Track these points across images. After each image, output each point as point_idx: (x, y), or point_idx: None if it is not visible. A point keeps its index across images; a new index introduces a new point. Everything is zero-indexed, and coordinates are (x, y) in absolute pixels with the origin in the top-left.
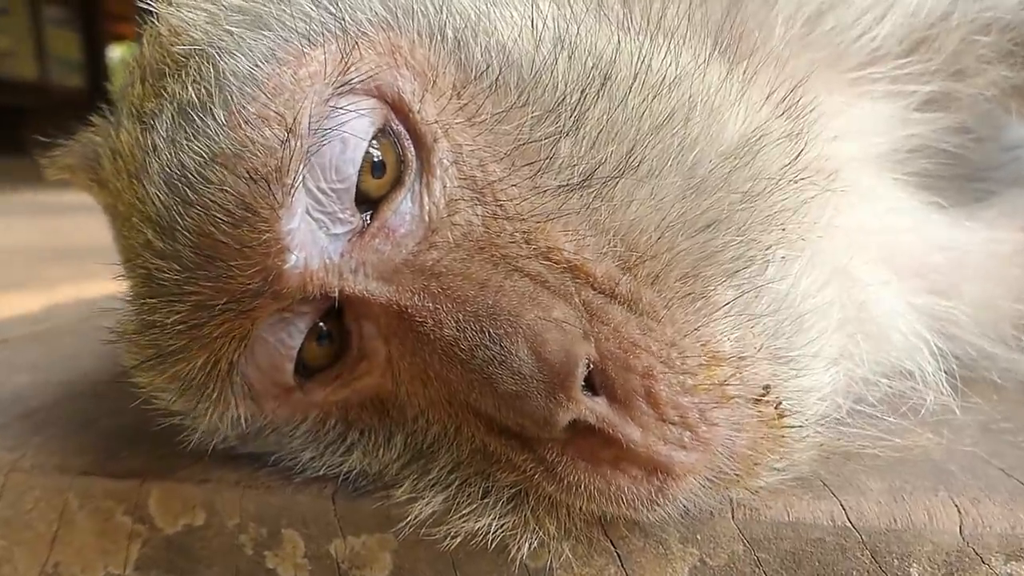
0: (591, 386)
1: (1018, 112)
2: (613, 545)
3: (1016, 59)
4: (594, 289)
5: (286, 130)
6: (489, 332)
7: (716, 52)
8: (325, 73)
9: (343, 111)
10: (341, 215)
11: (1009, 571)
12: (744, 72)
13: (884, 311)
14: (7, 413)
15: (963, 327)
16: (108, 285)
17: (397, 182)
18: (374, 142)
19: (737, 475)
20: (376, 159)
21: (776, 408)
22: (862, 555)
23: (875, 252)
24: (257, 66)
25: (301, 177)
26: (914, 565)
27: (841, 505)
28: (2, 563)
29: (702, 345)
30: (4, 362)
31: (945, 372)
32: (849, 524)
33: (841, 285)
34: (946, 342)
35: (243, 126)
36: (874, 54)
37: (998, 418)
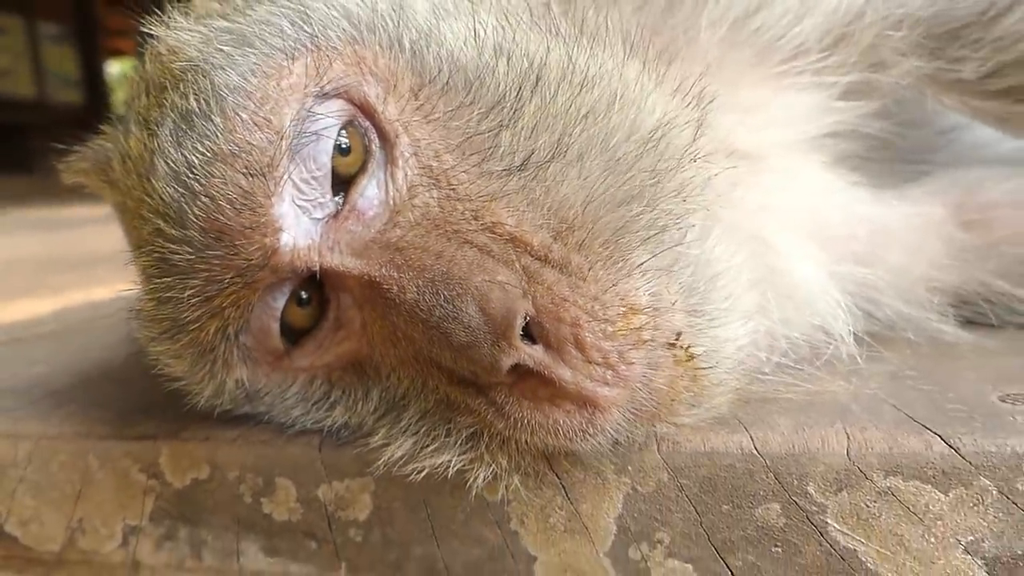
0: (529, 336)
1: (933, 98)
2: (558, 477)
3: (925, 50)
4: (531, 256)
5: (274, 132)
6: (443, 294)
7: (632, 52)
8: (303, 84)
9: (319, 115)
10: (321, 200)
11: (888, 484)
12: (658, 69)
13: (800, 275)
14: (31, 394)
15: (883, 291)
16: (116, 288)
17: (364, 165)
18: (343, 131)
19: (656, 409)
20: (344, 145)
21: (686, 351)
22: (767, 477)
23: (798, 225)
24: (246, 79)
25: (287, 170)
26: (810, 483)
27: (750, 436)
28: (32, 522)
29: (620, 299)
30: (21, 356)
31: (855, 330)
32: (756, 452)
33: (755, 251)
34: (868, 305)
35: (238, 130)
36: (797, 50)
37: (905, 368)
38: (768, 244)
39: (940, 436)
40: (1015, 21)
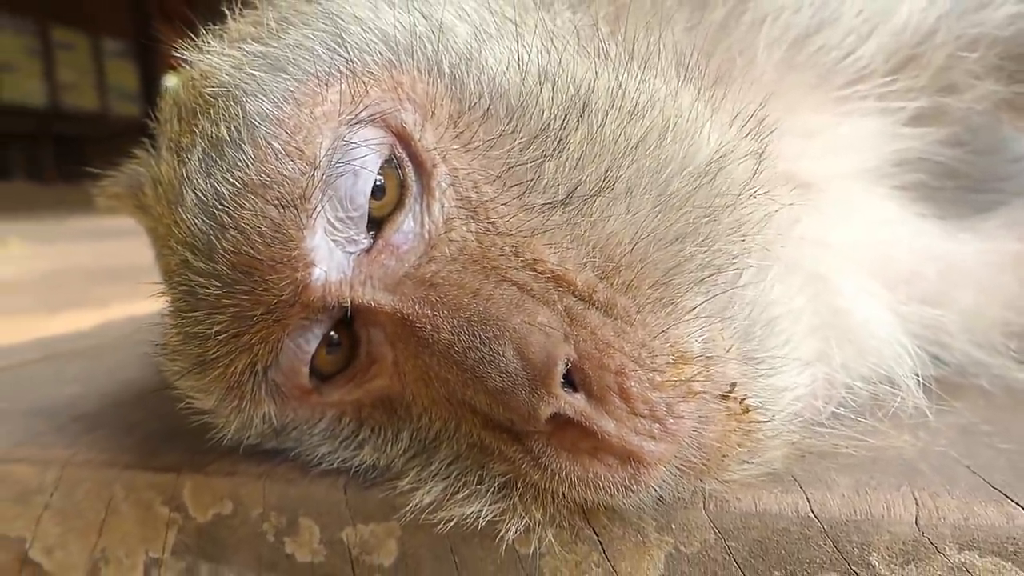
0: (571, 383)
1: (1009, 124)
2: (595, 533)
3: (1003, 73)
4: (575, 296)
5: (306, 163)
6: (480, 335)
7: (687, 77)
8: (338, 111)
9: (355, 145)
10: (354, 236)
11: (962, 560)
12: (714, 95)
13: (864, 318)
14: (61, 417)
15: (953, 335)
16: (157, 303)
17: (398, 204)
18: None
19: (705, 465)
20: (378, 183)
21: (741, 403)
22: (824, 544)
23: (862, 262)
24: (278, 106)
25: (320, 202)
26: (873, 554)
27: (806, 497)
28: (56, 548)
29: (670, 346)
30: (56, 375)
31: (924, 377)
32: (812, 515)
33: (817, 292)
34: (936, 348)
35: (270, 160)
36: (861, 72)
37: (978, 421)
38: (829, 283)
39: (1022, 507)
40: None
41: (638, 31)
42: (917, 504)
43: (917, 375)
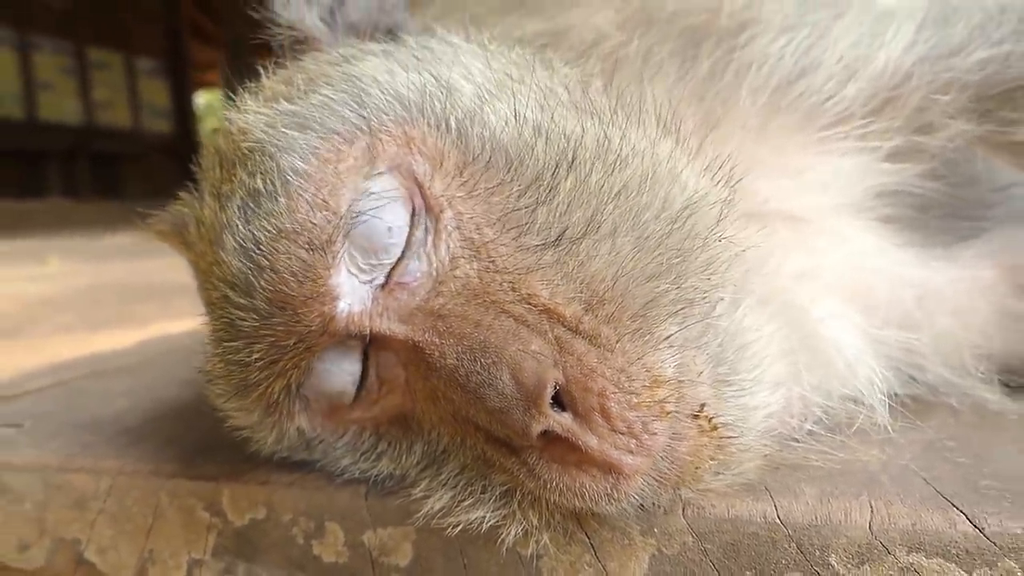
0: (559, 403)
1: (984, 158)
2: (587, 536)
3: (975, 113)
4: (564, 327)
5: (332, 212)
6: (480, 361)
7: (666, 130)
8: (358, 166)
9: (373, 194)
10: (373, 273)
11: (911, 560)
12: (690, 145)
13: (836, 342)
14: (110, 430)
15: (926, 357)
16: (190, 322)
17: (410, 245)
18: (393, 210)
19: (680, 476)
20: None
21: (710, 421)
22: (789, 546)
23: (841, 290)
24: (307, 162)
25: (343, 245)
26: (832, 555)
27: (774, 505)
28: (109, 549)
29: (646, 370)
30: (102, 390)
31: (894, 397)
32: (779, 521)
33: (789, 319)
34: (911, 369)
35: (300, 210)
36: (841, 115)
37: (944, 438)
38: (804, 311)
39: (966, 515)
40: None
41: (627, 85)
42: (872, 511)
43: (884, 395)
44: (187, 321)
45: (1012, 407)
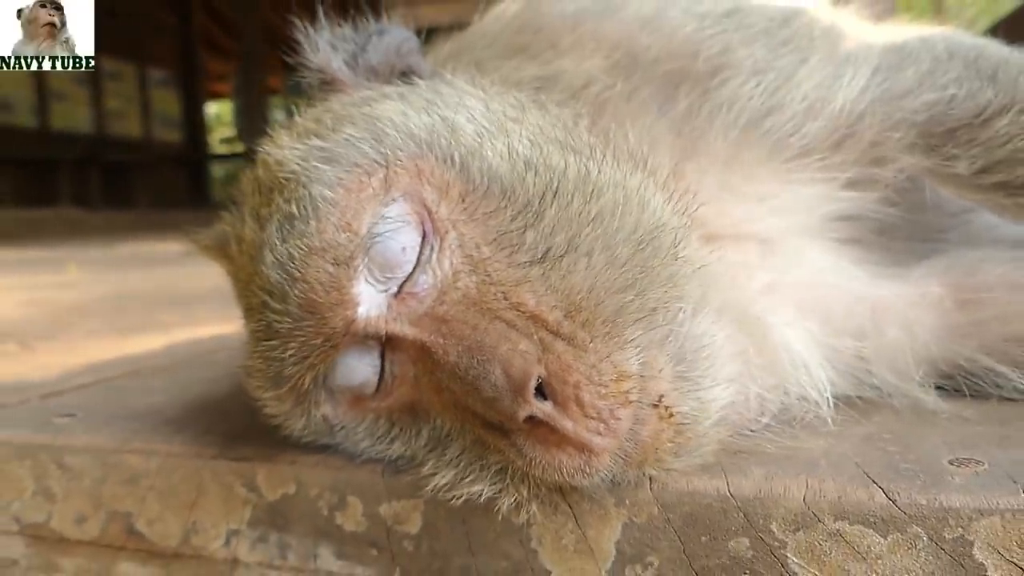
0: (542, 393)
1: (931, 188)
2: (570, 507)
3: (921, 149)
4: (547, 330)
5: (353, 233)
6: (477, 358)
7: (637, 165)
8: (377, 194)
9: (389, 219)
10: (388, 284)
11: (837, 527)
12: (657, 178)
13: (789, 347)
14: (155, 420)
15: (873, 363)
16: (213, 328)
17: (420, 260)
18: (406, 231)
19: (643, 456)
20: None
21: (667, 411)
22: (738, 516)
23: (802, 301)
24: (334, 190)
25: (363, 260)
26: (773, 523)
27: (727, 481)
28: (156, 522)
29: (613, 367)
30: (142, 387)
31: (845, 395)
32: (730, 494)
33: (744, 326)
34: (861, 373)
35: (328, 231)
36: (804, 149)
37: (882, 432)
38: (762, 319)
39: (883, 489)
40: (1004, 125)
41: (611, 124)
42: (807, 487)
43: (830, 395)
44: (210, 327)
45: (944, 407)
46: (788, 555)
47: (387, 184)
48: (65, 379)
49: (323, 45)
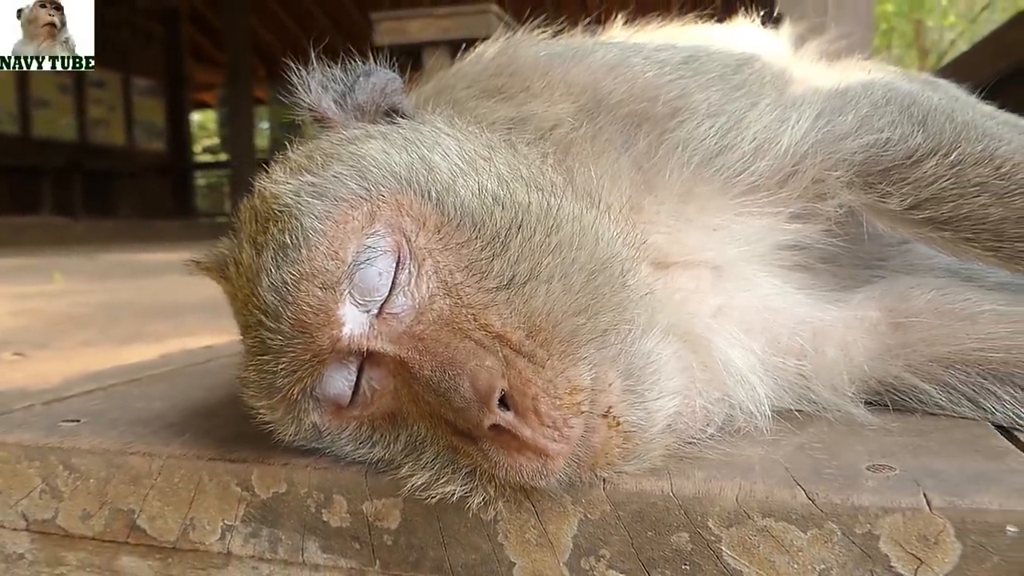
0: (505, 404)
1: (868, 221)
2: (532, 505)
3: (858, 186)
4: (510, 348)
5: (340, 261)
6: (448, 372)
7: (594, 202)
8: (361, 226)
9: (371, 248)
10: (371, 306)
11: (764, 524)
12: (612, 214)
13: (733, 364)
14: (156, 424)
15: (811, 380)
16: (205, 339)
17: (398, 285)
18: (386, 260)
19: (594, 460)
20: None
21: (615, 420)
22: (679, 513)
23: (748, 323)
24: (323, 223)
25: (348, 285)
26: (709, 519)
27: (671, 483)
28: (157, 518)
29: (567, 381)
30: (143, 394)
31: (785, 408)
32: (672, 494)
33: (691, 345)
34: (800, 389)
35: (317, 259)
36: (752, 185)
37: (814, 442)
38: (708, 339)
39: (805, 491)
40: (932, 166)
41: (574, 163)
42: (740, 488)
43: (769, 409)
44: (202, 337)
45: (872, 420)
46: (722, 548)
47: (370, 217)
48: (66, 387)
49: (315, 86)
